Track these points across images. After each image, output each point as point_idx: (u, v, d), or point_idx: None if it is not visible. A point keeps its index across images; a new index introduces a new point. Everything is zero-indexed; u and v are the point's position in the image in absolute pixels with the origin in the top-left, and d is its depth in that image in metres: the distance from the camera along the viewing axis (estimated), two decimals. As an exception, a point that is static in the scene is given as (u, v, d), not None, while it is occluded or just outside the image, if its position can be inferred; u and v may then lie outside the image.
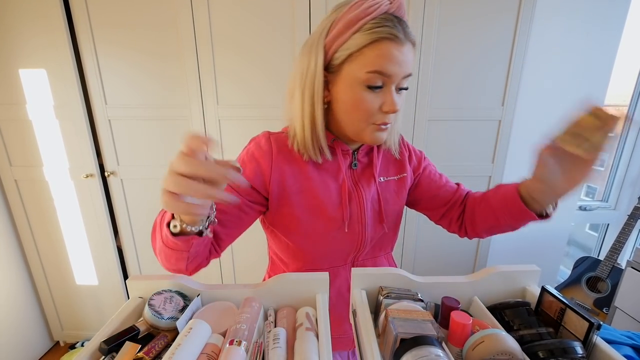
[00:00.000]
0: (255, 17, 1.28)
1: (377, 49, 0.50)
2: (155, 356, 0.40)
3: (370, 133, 0.57)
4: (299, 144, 0.60)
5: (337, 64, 0.54)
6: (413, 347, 0.35)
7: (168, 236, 0.44)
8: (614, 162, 1.87)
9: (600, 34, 1.47)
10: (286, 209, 0.62)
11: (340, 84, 0.54)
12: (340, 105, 0.56)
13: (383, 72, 0.51)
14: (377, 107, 0.54)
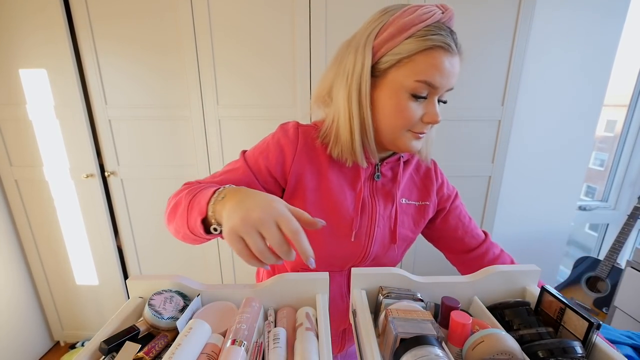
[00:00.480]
0: (255, 15, 1.28)
1: (429, 57, 0.49)
2: (155, 356, 0.40)
3: (407, 140, 0.56)
4: (344, 147, 0.57)
5: (383, 68, 0.52)
6: (413, 347, 0.35)
7: (199, 231, 0.45)
8: (613, 162, 1.87)
9: (600, 33, 1.47)
10: (297, 202, 0.60)
11: (385, 88, 0.53)
12: (381, 110, 0.55)
13: (432, 83, 0.50)
14: (419, 116, 0.54)
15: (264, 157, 0.58)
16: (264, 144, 0.60)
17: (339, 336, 0.73)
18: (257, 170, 0.58)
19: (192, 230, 0.46)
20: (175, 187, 0.57)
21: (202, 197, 0.45)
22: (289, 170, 0.58)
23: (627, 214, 1.53)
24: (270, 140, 0.60)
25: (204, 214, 0.44)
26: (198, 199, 0.46)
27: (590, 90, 1.54)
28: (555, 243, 1.79)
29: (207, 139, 1.41)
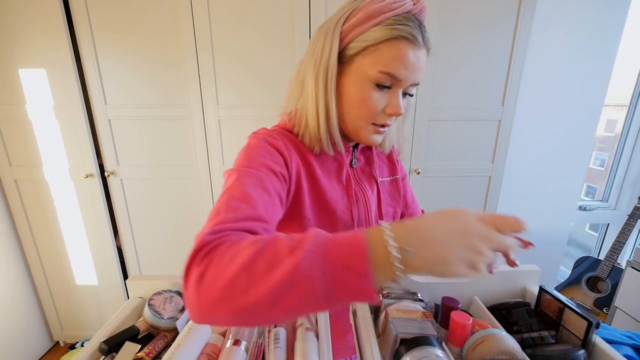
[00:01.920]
0: (255, 13, 1.28)
1: (394, 48, 0.48)
2: (155, 356, 0.40)
3: (368, 133, 0.55)
4: (311, 134, 0.56)
5: (350, 55, 0.51)
6: (413, 347, 0.35)
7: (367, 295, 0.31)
8: (614, 162, 1.87)
9: (600, 34, 1.47)
10: (297, 208, 0.57)
11: (350, 76, 0.52)
12: (345, 98, 0.54)
13: (395, 75, 0.49)
14: (382, 107, 0.53)
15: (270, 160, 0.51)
16: (258, 151, 0.52)
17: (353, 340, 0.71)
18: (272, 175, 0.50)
19: (338, 305, 0.32)
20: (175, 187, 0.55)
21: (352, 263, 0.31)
22: (291, 173, 0.54)
23: (627, 214, 1.53)
24: (262, 145, 0.53)
25: (372, 281, 0.31)
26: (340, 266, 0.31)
27: (591, 90, 1.54)
28: (556, 243, 1.79)
29: (207, 139, 1.41)
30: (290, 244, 0.33)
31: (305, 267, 0.30)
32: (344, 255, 0.31)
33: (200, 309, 0.33)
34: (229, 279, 0.32)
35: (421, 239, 0.32)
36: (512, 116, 1.40)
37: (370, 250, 0.31)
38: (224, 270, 0.32)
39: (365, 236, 0.32)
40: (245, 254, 0.33)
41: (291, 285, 0.30)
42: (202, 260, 0.34)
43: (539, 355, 0.40)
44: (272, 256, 0.32)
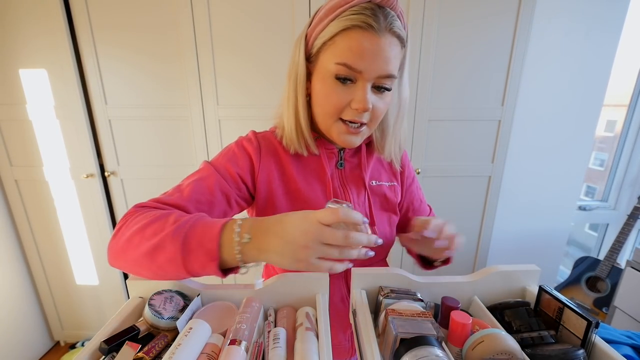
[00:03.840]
0: (256, 18, 1.28)
1: (347, 38, 0.47)
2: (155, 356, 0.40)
3: (338, 131, 0.54)
4: (286, 136, 0.58)
5: (314, 53, 0.52)
6: (413, 347, 0.35)
7: (208, 274, 0.41)
8: (613, 162, 1.87)
9: (599, 34, 1.47)
10: (272, 210, 0.59)
11: (316, 74, 0.53)
12: (315, 97, 0.54)
13: (350, 65, 0.48)
14: (347, 102, 0.51)
15: (232, 163, 0.57)
16: (228, 152, 0.59)
17: (349, 340, 0.71)
18: (228, 177, 0.56)
19: (193, 274, 0.41)
20: None
21: (205, 240, 0.40)
22: (257, 177, 0.58)
23: (627, 214, 1.53)
24: (235, 148, 0.59)
25: (217, 259, 0.39)
26: (196, 241, 0.40)
27: (590, 90, 1.54)
28: (555, 243, 1.79)
29: (207, 139, 1.41)
30: (175, 219, 0.42)
31: (174, 235, 0.40)
32: (202, 234, 0.40)
33: (110, 255, 0.45)
34: (128, 237, 0.43)
35: (260, 230, 0.40)
36: (512, 116, 1.40)
37: (222, 234, 0.39)
38: (130, 229, 0.43)
39: (223, 223, 0.40)
40: (145, 221, 0.43)
41: (162, 246, 0.40)
42: (123, 222, 0.46)
43: (539, 355, 0.40)
44: (159, 225, 0.42)
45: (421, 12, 1.26)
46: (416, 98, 1.37)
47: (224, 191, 0.54)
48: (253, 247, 0.39)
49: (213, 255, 0.39)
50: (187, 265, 0.40)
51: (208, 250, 0.39)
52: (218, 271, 0.40)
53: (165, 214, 0.44)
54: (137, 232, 0.42)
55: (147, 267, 0.42)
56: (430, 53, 1.31)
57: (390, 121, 0.60)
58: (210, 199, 0.52)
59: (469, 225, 1.58)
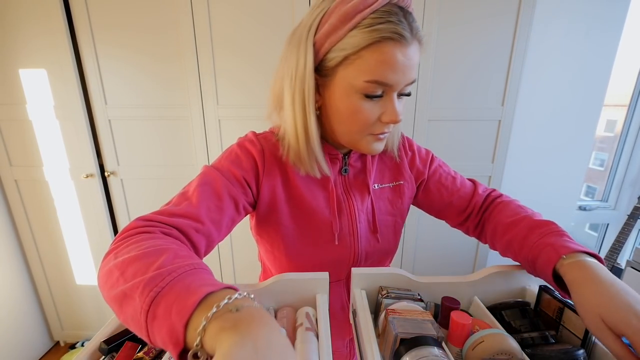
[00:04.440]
0: (255, 18, 1.27)
1: (378, 53, 0.42)
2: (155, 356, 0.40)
3: (367, 144, 0.51)
4: (294, 157, 0.53)
5: (330, 66, 0.46)
6: (413, 347, 0.35)
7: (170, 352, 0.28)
8: (613, 162, 1.87)
9: (599, 33, 1.47)
10: (274, 216, 0.56)
11: (335, 89, 0.47)
12: (334, 113, 0.49)
13: (384, 82, 0.44)
14: (377, 117, 0.48)
15: (237, 166, 0.52)
16: (231, 154, 0.54)
17: (347, 347, 0.71)
18: (234, 181, 0.51)
19: (156, 346, 0.31)
20: (175, 187, 0.54)
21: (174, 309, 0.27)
22: (261, 181, 0.54)
23: (627, 214, 1.53)
24: (237, 150, 0.54)
25: (181, 345, 0.27)
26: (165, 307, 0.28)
27: (590, 90, 1.54)
28: (555, 243, 1.79)
29: (207, 139, 1.41)
30: (162, 264, 0.31)
31: (144, 287, 0.29)
32: (178, 298, 0.28)
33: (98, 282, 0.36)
34: (110, 268, 0.34)
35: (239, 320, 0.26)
36: (512, 116, 1.40)
37: (198, 308, 0.27)
38: (116, 259, 0.34)
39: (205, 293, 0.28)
40: (133, 253, 0.33)
41: (129, 296, 0.30)
42: (120, 240, 0.37)
43: (539, 355, 0.40)
44: (143, 265, 0.32)
45: (421, 12, 1.26)
46: (416, 98, 1.37)
47: (232, 195, 0.50)
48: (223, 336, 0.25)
49: (175, 337, 0.27)
50: (149, 332, 0.28)
51: (173, 328, 0.27)
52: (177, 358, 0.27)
53: (158, 250, 0.34)
54: (119, 265, 0.33)
55: (116, 313, 0.32)
56: (430, 53, 1.31)
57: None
58: (220, 204, 0.48)
59: (469, 225, 1.57)
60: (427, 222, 1.51)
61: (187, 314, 0.26)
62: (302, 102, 0.48)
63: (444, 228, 0.76)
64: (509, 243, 0.55)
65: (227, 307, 0.26)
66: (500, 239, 0.57)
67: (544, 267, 0.46)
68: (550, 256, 0.45)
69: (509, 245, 0.55)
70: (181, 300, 0.28)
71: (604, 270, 0.40)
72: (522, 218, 0.56)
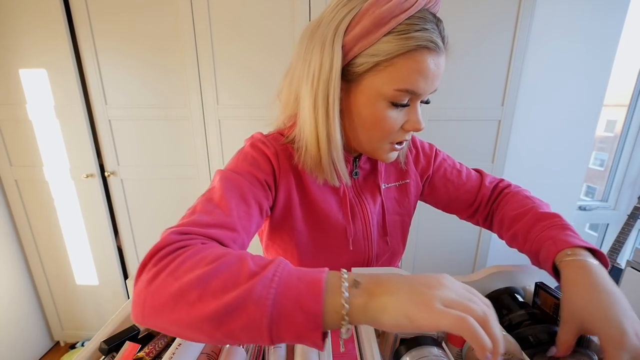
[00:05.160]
0: (255, 13, 1.28)
1: (412, 61, 0.41)
2: (155, 356, 0.40)
3: (385, 152, 0.50)
4: (312, 162, 0.50)
5: (358, 72, 0.43)
6: (413, 347, 0.35)
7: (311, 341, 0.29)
8: (613, 162, 1.87)
9: (599, 33, 1.47)
10: (289, 221, 0.54)
11: (359, 95, 0.45)
12: (357, 120, 0.47)
13: (414, 90, 0.43)
14: (400, 125, 0.47)
15: (256, 168, 0.49)
16: (247, 156, 0.50)
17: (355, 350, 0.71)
18: (257, 184, 0.48)
19: (275, 343, 0.30)
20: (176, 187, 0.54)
21: (303, 300, 0.29)
22: (278, 183, 0.51)
23: (627, 214, 1.53)
24: (252, 152, 0.51)
25: (322, 327, 0.28)
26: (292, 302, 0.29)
27: (590, 90, 1.54)
28: (555, 243, 1.79)
29: (207, 139, 1.41)
30: (251, 269, 0.31)
31: (258, 293, 0.29)
32: (299, 291, 0.29)
33: (143, 310, 0.31)
34: (180, 289, 0.30)
35: (374, 281, 0.31)
36: (512, 116, 1.40)
37: (325, 291, 0.29)
38: (179, 278, 0.31)
39: (325, 277, 0.30)
40: (205, 267, 0.31)
41: (239, 308, 0.29)
42: (160, 260, 0.33)
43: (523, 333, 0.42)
44: (230, 277, 0.30)
45: (421, 12, 1.26)
46: (416, 98, 1.37)
47: (257, 200, 0.47)
48: (364, 293, 0.30)
49: (316, 320, 0.28)
50: (274, 333, 0.29)
51: (310, 314, 0.28)
52: (320, 342, 0.29)
53: (235, 258, 0.32)
54: (194, 283, 0.30)
55: (206, 334, 0.30)
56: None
57: None
58: (248, 210, 0.44)
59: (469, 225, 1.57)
60: (428, 222, 1.51)
61: (320, 301, 0.28)
62: (325, 107, 0.45)
63: (444, 227, 0.77)
64: (514, 236, 0.55)
65: (351, 284, 0.30)
66: (506, 232, 0.58)
67: (545, 261, 0.47)
68: (550, 250, 0.45)
69: (514, 238, 0.56)
70: (303, 293, 0.29)
71: (601, 274, 0.40)
72: (527, 210, 0.55)
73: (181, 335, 0.32)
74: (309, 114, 0.47)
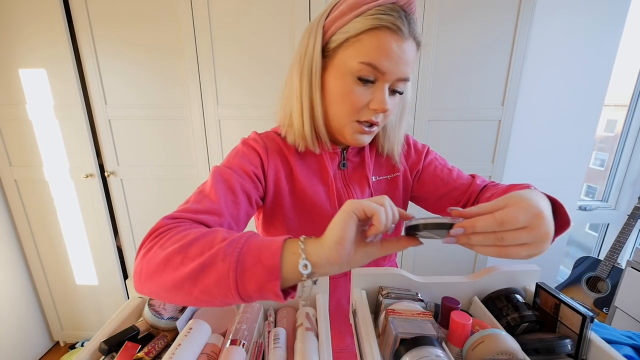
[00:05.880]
0: (255, 15, 1.28)
1: (375, 38, 0.46)
2: (155, 356, 0.40)
3: (352, 132, 0.53)
4: (296, 132, 0.56)
5: (333, 48, 0.50)
6: (413, 347, 0.35)
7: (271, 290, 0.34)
8: (613, 162, 1.87)
9: (600, 33, 1.47)
10: (279, 210, 0.59)
11: (333, 70, 0.51)
12: (328, 94, 0.52)
13: (377, 66, 0.47)
14: (365, 102, 0.50)
15: (245, 161, 0.55)
16: (237, 152, 0.57)
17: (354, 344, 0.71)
18: (245, 176, 0.53)
19: (243, 297, 0.35)
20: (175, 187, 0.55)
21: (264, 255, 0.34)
22: (267, 174, 0.57)
23: (627, 214, 1.53)
24: (242, 148, 0.58)
25: (279, 277, 0.33)
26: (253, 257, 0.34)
27: (591, 90, 1.54)
28: (556, 243, 1.78)
29: (207, 139, 1.41)
30: (224, 236, 0.37)
31: (225, 252, 0.34)
32: (260, 250, 0.35)
33: (140, 278, 0.38)
34: (166, 257, 0.36)
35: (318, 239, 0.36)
36: (512, 116, 1.40)
37: (284, 249, 0.34)
38: (166, 249, 0.37)
39: (284, 239, 0.36)
40: (187, 239, 0.37)
41: (210, 265, 0.34)
42: (154, 239, 0.39)
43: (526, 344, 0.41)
44: (206, 243, 0.36)
45: (421, 11, 1.26)
46: (416, 98, 1.37)
47: (245, 190, 0.52)
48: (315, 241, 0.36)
49: (275, 272, 0.33)
50: (240, 285, 0.33)
51: (269, 268, 0.33)
52: (278, 291, 0.33)
53: (212, 231, 0.38)
54: (177, 251, 0.36)
55: (187, 292, 0.35)
56: (430, 53, 1.31)
57: (394, 121, 0.61)
58: (235, 199, 0.50)
59: (469, 225, 1.57)
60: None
61: (278, 254, 0.33)
62: (309, 79, 0.52)
63: (444, 228, 0.76)
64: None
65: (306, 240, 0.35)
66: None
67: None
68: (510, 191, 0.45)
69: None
70: (265, 249, 0.34)
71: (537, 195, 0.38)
72: (503, 190, 0.54)
73: (170, 298, 0.37)
74: (296, 88, 0.54)
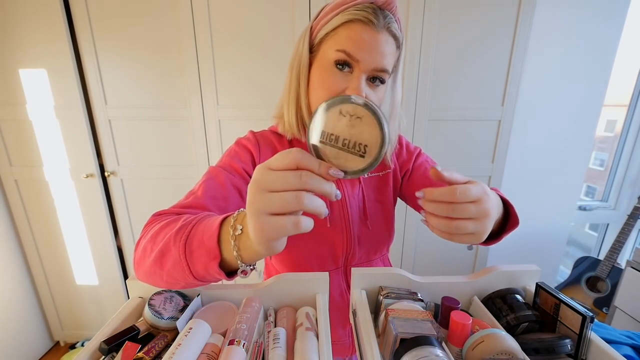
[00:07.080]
0: (255, 14, 1.28)
1: (348, 30, 0.51)
2: (155, 356, 0.40)
3: None
4: (285, 122, 0.61)
5: (317, 44, 0.55)
6: (413, 347, 0.35)
7: (215, 277, 0.37)
8: (613, 162, 1.87)
9: (600, 33, 1.47)
10: None
11: (316, 64, 0.55)
12: (311, 86, 0.56)
13: (349, 53, 0.51)
14: (342, 89, 0.53)
15: (237, 160, 0.59)
16: (230, 152, 0.62)
17: (349, 336, 0.72)
18: (235, 173, 0.58)
19: (199, 278, 0.38)
20: (176, 187, 0.57)
21: (205, 237, 0.37)
22: None
23: (627, 214, 1.53)
24: (235, 147, 0.62)
25: (217, 257, 0.36)
26: (197, 240, 0.37)
27: (590, 90, 1.54)
28: (555, 243, 1.79)
29: (207, 139, 1.41)
30: (182, 223, 0.40)
31: (175, 236, 0.38)
32: (203, 231, 0.37)
33: (134, 268, 0.44)
34: (144, 247, 0.42)
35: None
36: (512, 116, 1.40)
37: (221, 229, 0.36)
38: (145, 240, 0.43)
39: (224, 216, 0.38)
40: (157, 228, 0.42)
41: (167, 250, 0.39)
42: (142, 234, 0.45)
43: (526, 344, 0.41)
44: (168, 230, 0.40)
45: (421, 11, 1.26)
46: (416, 98, 1.37)
47: (235, 185, 0.56)
48: (246, 237, 0.34)
49: (213, 253, 0.36)
50: (191, 267, 0.37)
51: (208, 248, 0.36)
52: (220, 271, 0.36)
53: (176, 218, 0.42)
54: (149, 240, 0.42)
55: (158, 276, 0.40)
56: (430, 53, 1.31)
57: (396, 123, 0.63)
58: (225, 193, 0.54)
59: (469, 225, 1.58)
60: (427, 222, 1.51)
61: (216, 234, 0.36)
62: (297, 73, 0.57)
63: (444, 228, 0.77)
64: None
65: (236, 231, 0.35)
66: None
67: None
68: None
69: None
70: (207, 230, 0.37)
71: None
72: None
73: (154, 282, 0.42)
74: (288, 84, 0.59)
